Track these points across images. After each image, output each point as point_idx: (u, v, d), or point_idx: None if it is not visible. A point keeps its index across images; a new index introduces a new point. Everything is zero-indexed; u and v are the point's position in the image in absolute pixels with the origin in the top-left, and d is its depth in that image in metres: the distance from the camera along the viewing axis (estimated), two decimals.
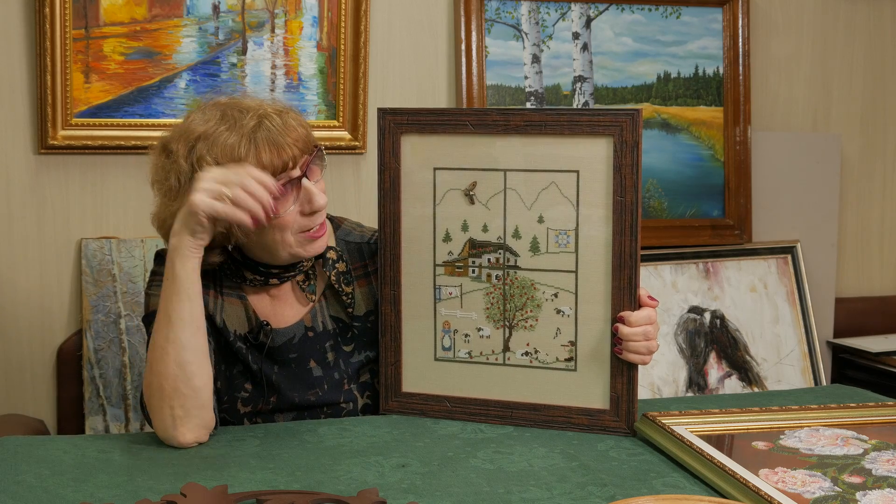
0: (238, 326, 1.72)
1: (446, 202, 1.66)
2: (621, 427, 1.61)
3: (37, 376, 2.56)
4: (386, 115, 1.66)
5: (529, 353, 1.65)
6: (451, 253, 1.66)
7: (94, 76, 2.52)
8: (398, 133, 1.66)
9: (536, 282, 1.63)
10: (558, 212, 1.60)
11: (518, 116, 1.61)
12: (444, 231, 1.66)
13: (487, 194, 1.64)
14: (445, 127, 1.64)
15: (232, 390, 1.72)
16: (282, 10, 2.63)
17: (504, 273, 1.64)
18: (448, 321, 1.68)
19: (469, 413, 1.66)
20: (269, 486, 1.37)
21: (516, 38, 2.81)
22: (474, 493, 1.35)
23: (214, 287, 1.73)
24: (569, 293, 1.62)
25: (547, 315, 1.63)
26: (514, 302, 1.64)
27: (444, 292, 1.67)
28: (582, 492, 1.37)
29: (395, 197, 1.67)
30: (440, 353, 1.69)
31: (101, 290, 2.50)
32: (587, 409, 1.62)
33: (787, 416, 1.61)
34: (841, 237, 3.12)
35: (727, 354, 2.92)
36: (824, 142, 3.05)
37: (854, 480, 1.36)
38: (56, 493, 1.33)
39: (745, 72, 2.95)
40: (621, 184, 1.57)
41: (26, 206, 2.52)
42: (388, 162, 1.67)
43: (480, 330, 1.66)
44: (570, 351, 1.63)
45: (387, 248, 1.68)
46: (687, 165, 2.94)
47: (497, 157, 1.63)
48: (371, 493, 1.32)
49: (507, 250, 1.64)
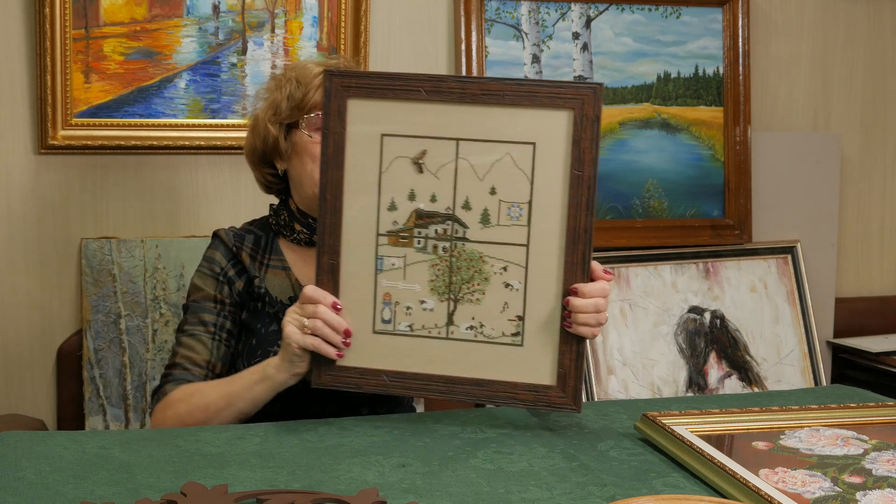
0: (280, 293, 1.85)
1: (393, 170, 1.59)
2: (567, 403, 1.58)
3: (37, 376, 2.56)
4: (333, 76, 1.58)
5: (474, 328, 1.60)
6: (395, 223, 1.60)
7: (94, 76, 2.52)
8: (344, 96, 1.58)
9: (485, 255, 1.59)
10: (512, 184, 1.57)
11: (475, 85, 1.56)
12: (389, 200, 1.60)
13: (437, 163, 1.58)
14: (397, 92, 1.57)
15: (266, 345, 1.83)
16: (282, 10, 2.63)
17: (451, 245, 1.59)
18: (389, 293, 1.61)
19: (407, 388, 1.62)
20: (269, 486, 1.37)
21: (516, 38, 2.81)
22: (474, 493, 1.35)
23: (261, 261, 1.87)
24: (519, 267, 1.58)
25: (495, 289, 1.59)
26: (461, 275, 1.60)
27: (387, 263, 1.61)
28: (582, 492, 1.37)
29: (338, 163, 1.59)
30: (379, 325, 1.62)
31: (101, 290, 2.50)
32: (533, 385, 1.59)
33: (788, 417, 1.61)
34: (841, 237, 3.12)
35: (727, 354, 2.92)
36: (824, 142, 3.05)
37: (854, 480, 1.36)
38: (56, 490, 1.33)
39: (745, 72, 2.95)
40: (579, 158, 1.54)
41: (26, 206, 2.53)
42: (332, 126, 1.59)
43: (424, 303, 1.61)
44: (516, 326, 1.59)
45: (326, 215, 1.60)
46: (687, 165, 2.94)
47: (450, 125, 1.57)
48: (371, 492, 1.32)
49: (456, 221, 1.59)
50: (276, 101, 1.84)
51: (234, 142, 2.61)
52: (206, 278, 1.85)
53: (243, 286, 1.85)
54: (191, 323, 1.83)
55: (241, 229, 1.92)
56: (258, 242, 1.89)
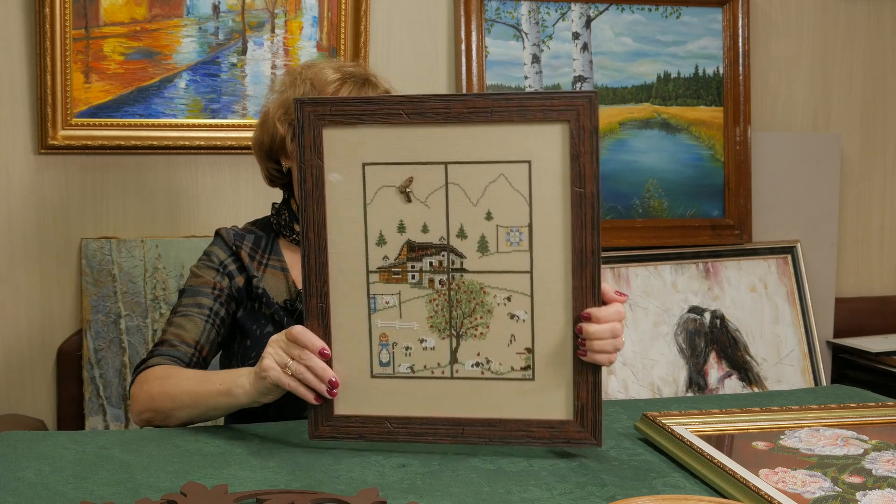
0: (277, 295, 1.84)
1: (379, 201, 1.48)
2: (587, 438, 1.47)
3: (37, 376, 2.56)
4: (304, 105, 1.47)
5: (480, 364, 1.49)
6: (386, 258, 1.49)
7: (94, 76, 2.52)
8: (319, 126, 1.47)
9: (486, 285, 1.47)
10: (509, 207, 1.45)
11: (460, 103, 1.44)
12: (377, 234, 1.49)
13: (426, 191, 1.46)
14: (375, 117, 1.45)
15: (259, 348, 1.80)
16: (282, 10, 2.63)
17: (449, 277, 1.48)
18: (385, 333, 1.50)
19: (414, 434, 1.50)
20: (269, 486, 1.37)
21: (516, 38, 2.81)
22: (474, 493, 1.35)
23: (259, 261, 1.86)
24: (523, 296, 1.47)
25: (499, 321, 1.47)
26: (462, 308, 1.48)
27: (380, 301, 1.49)
28: (582, 492, 1.36)
29: (318, 198, 1.48)
30: (377, 369, 1.51)
31: (101, 290, 2.50)
32: (548, 422, 1.48)
33: (788, 417, 1.61)
34: (841, 237, 3.13)
35: (727, 354, 2.92)
36: (824, 142, 3.05)
37: (854, 480, 1.36)
38: (56, 490, 1.33)
39: (745, 72, 2.95)
40: (580, 173, 1.42)
41: (26, 206, 2.53)
42: (308, 159, 1.47)
43: (423, 341, 1.50)
44: (526, 359, 1.48)
45: (311, 255, 1.49)
46: (687, 165, 2.94)
47: (436, 148, 1.45)
48: (371, 493, 1.32)
49: (452, 252, 1.47)
50: (289, 100, 1.82)
51: (234, 142, 2.61)
52: (206, 269, 1.85)
53: (243, 283, 1.84)
54: (185, 305, 1.81)
55: (242, 229, 1.92)
56: (258, 242, 1.89)
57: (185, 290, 1.84)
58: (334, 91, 1.80)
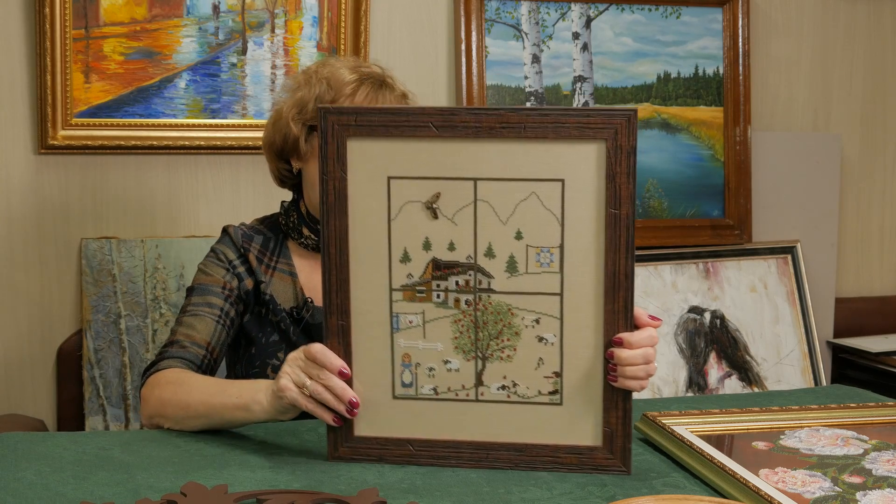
0: (284, 301, 1.82)
1: (404, 217, 1.42)
2: (616, 465, 1.43)
3: (37, 376, 2.56)
4: (329, 115, 1.41)
5: (507, 387, 1.44)
6: (410, 276, 1.44)
7: (94, 76, 2.52)
8: (343, 136, 1.41)
9: (514, 306, 1.42)
10: (540, 227, 1.40)
11: (493, 117, 1.38)
12: (401, 250, 1.43)
13: (454, 207, 1.41)
14: (402, 129, 1.40)
15: (265, 356, 1.80)
16: (282, 10, 2.63)
17: (475, 297, 1.43)
18: (408, 353, 1.46)
19: (437, 457, 1.46)
20: (269, 486, 1.37)
21: (516, 38, 2.81)
22: (474, 493, 1.35)
23: (267, 264, 1.83)
24: (553, 318, 1.42)
25: (527, 344, 1.43)
26: (488, 330, 1.43)
27: (403, 320, 1.45)
28: (582, 492, 1.37)
29: (341, 212, 1.43)
30: (399, 390, 1.47)
31: (101, 290, 2.50)
32: (576, 447, 1.44)
33: (788, 417, 1.61)
34: (841, 237, 3.13)
35: (727, 354, 2.92)
36: (824, 142, 3.05)
37: (854, 480, 1.36)
38: (56, 490, 1.33)
39: (745, 72, 2.95)
40: (616, 194, 1.37)
41: (26, 206, 2.53)
42: (331, 171, 1.42)
43: (448, 362, 1.45)
44: (554, 383, 1.43)
45: (332, 271, 1.44)
46: (687, 165, 2.94)
47: (466, 164, 1.39)
48: (371, 493, 1.32)
49: (479, 271, 1.42)
50: (304, 100, 1.78)
51: (234, 142, 2.61)
52: (216, 266, 1.80)
53: (252, 286, 1.81)
54: (195, 304, 1.76)
55: (250, 228, 1.87)
56: (266, 244, 1.85)
57: (193, 288, 1.79)
58: (351, 92, 1.76)
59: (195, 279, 1.81)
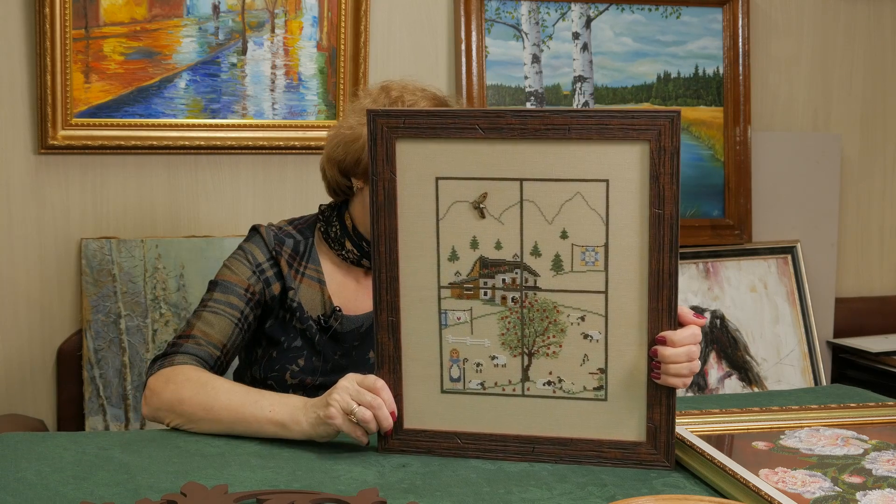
0: (311, 309, 1.81)
1: (452, 216, 1.47)
2: (660, 460, 1.46)
3: (37, 376, 2.56)
4: (377, 117, 1.46)
5: (552, 383, 1.48)
6: (458, 273, 1.48)
7: (94, 76, 2.52)
8: (392, 138, 1.46)
9: (560, 304, 1.46)
10: (585, 226, 1.43)
11: (538, 119, 1.41)
12: (449, 249, 1.48)
13: (501, 207, 1.45)
14: (450, 131, 1.44)
15: (285, 361, 1.80)
16: (282, 10, 2.63)
17: (522, 295, 1.47)
18: (456, 349, 1.50)
19: (484, 450, 1.50)
20: (269, 486, 1.37)
21: (516, 38, 2.81)
22: (474, 493, 1.35)
23: (297, 269, 1.81)
24: (598, 316, 1.45)
25: (572, 340, 1.46)
26: (534, 327, 1.47)
27: (452, 317, 1.49)
28: (582, 492, 1.37)
29: (391, 211, 1.48)
30: (448, 384, 1.51)
31: (101, 290, 2.50)
32: (620, 443, 1.47)
33: (788, 416, 1.61)
34: (841, 237, 3.13)
35: (727, 354, 2.92)
36: (824, 142, 3.05)
37: (854, 480, 1.36)
38: (56, 490, 1.34)
39: (745, 72, 2.95)
40: (659, 195, 1.40)
41: (26, 206, 2.53)
42: (381, 172, 1.47)
43: (495, 358, 1.49)
44: (599, 379, 1.47)
45: (382, 269, 1.49)
46: (687, 165, 2.94)
47: (512, 165, 1.43)
48: (371, 493, 1.32)
49: (525, 269, 1.46)
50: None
51: (233, 142, 2.61)
52: (242, 266, 1.78)
53: (279, 291, 1.78)
54: (217, 300, 1.74)
55: (281, 231, 1.84)
56: (297, 248, 1.82)
57: (217, 283, 1.77)
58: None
59: (220, 274, 1.79)
